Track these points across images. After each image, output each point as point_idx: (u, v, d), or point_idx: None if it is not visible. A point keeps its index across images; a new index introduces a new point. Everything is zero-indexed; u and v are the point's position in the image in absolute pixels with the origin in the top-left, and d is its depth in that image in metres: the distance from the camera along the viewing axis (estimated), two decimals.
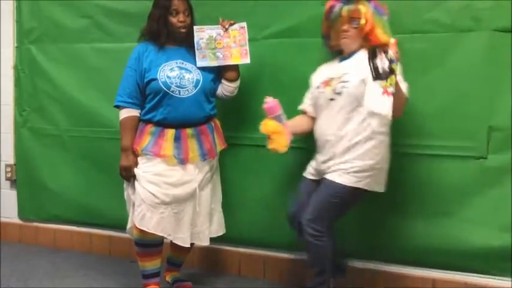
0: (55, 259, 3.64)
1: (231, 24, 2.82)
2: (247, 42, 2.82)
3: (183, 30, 2.81)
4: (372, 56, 2.29)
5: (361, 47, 2.58)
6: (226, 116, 3.05)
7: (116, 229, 3.63)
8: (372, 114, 2.44)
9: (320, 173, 2.66)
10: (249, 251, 3.34)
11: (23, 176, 3.91)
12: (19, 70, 3.84)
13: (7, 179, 3.97)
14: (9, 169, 3.95)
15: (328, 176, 2.56)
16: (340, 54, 2.70)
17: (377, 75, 2.26)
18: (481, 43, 2.72)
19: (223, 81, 2.91)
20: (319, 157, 2.65)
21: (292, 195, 2.80)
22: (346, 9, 2.55)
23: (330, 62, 2.77)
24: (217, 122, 2.97)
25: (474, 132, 2.76)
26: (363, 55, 2.48)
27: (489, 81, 2.72)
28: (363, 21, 2.51)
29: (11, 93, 3.90)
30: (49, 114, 3.76)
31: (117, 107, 2.88)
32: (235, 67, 2.88)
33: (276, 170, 3.16)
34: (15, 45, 3.86)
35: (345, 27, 2.58)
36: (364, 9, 2.51)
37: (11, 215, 4.01)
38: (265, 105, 2.59)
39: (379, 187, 2.60)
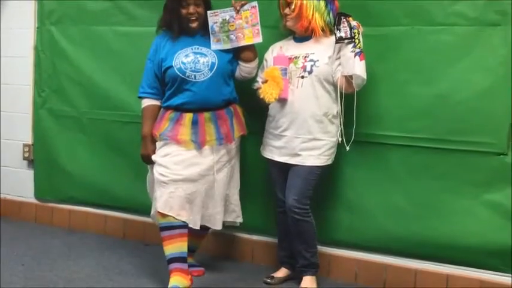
0: (69, 240, 3.67)
1: (243, 5, 2.81)
2: (259, 21, 2.80)
3: (193, 21, 2.83)
4: (337, 23, 2.64)
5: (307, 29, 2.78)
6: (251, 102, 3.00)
7: (131, 212, 3.65)
8: (350, 78, 2.66)
9: (290, 149, 2.77)
10: (263, 239, 3.34)
11: (40, 157, 3.93)
12: (39, 51, 3.86)
13: (25, 158, 4.00)
14: (27, 149, 3.97)
15: (305, 159, 2.75)
16: (293, 34, 2.91)
17: (339, 38, 2.63)
18: (506, 38, 2.67)
19: (240, 62, 2.91)
20: (288, 133, 2.77)
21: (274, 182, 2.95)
22: None
23: (283, 41, 2.92)
24: (238, 108, 2.97)
25: (495, 128, 2.72)
26: (323, 39, 2.76)
27: None
28: (292, 6, 2.74)
29: (30, 74, 3.92)
30: (68, 96, 3.77)
31: (140, 97, 2.96)
32: (251, 47, 2.88)
33: None
34: (36, 26, 3.87)
35: (286, 10, 2.79)
36: None
37: (27, 194, 4.04)
38: (275, 55, 2.81)
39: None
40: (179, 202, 2.76)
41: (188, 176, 2.78)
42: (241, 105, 3.01)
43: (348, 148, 2.79)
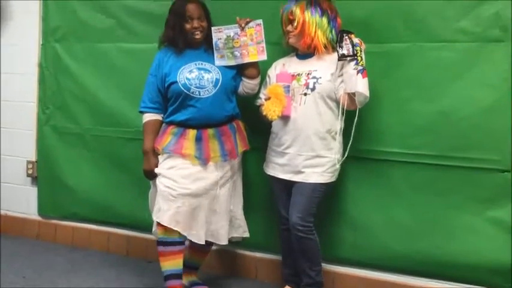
0: (72, 257, 3.66)
1: (247, 22, 2.82)
2: (263, 39, 2.82)
3: (197, 36, 2.84)
4: (339, 40, 2.62)
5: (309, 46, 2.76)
6: (253, 118, 3.00)
7: (134, 229, 3.64)
8: (352, 96, 2.64)
9: (293, 166, 2.76)
10: (267, 257, 3.32)
11: (44, 173, 3.93)
12: (43, 68, 3.88)
13: (28, 175, 4.00)
14: (30, 166, 3.98)
15: (308, 176, 2.73)
16: (295, 51, 2.90)
17: (342, 56, 2.61)
18: (509, 54, 2.66)
19: (243, 78, 2.92)
20: (291, 150, 2.76)
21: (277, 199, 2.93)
22: (286, 12, 2.78)
23: (285, 58, 2.92)
24: (241, 124, 2.98)
25: (498, 145, 2.71)
26: (326, 56, 2.75)
27: None
28: (295, 23, 2.73)
29: (35, 91, 3.93)
30: (72, 112, 3.78)
31: (141, 112, 2.96)
32: (254, 64, 2.88)
33: None
34: (41, 43, 3.89)
35: (289, 27, 2.78)
36: (298, 11, 2.70)
37: (30, 211, 4.04)
38: (278, 73, 2.81)
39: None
40: (185, 217, 2.76)
41: (195, 191, 2.78)
42: (243, 121, 3.02)
43: (338, 166, 2.77)
